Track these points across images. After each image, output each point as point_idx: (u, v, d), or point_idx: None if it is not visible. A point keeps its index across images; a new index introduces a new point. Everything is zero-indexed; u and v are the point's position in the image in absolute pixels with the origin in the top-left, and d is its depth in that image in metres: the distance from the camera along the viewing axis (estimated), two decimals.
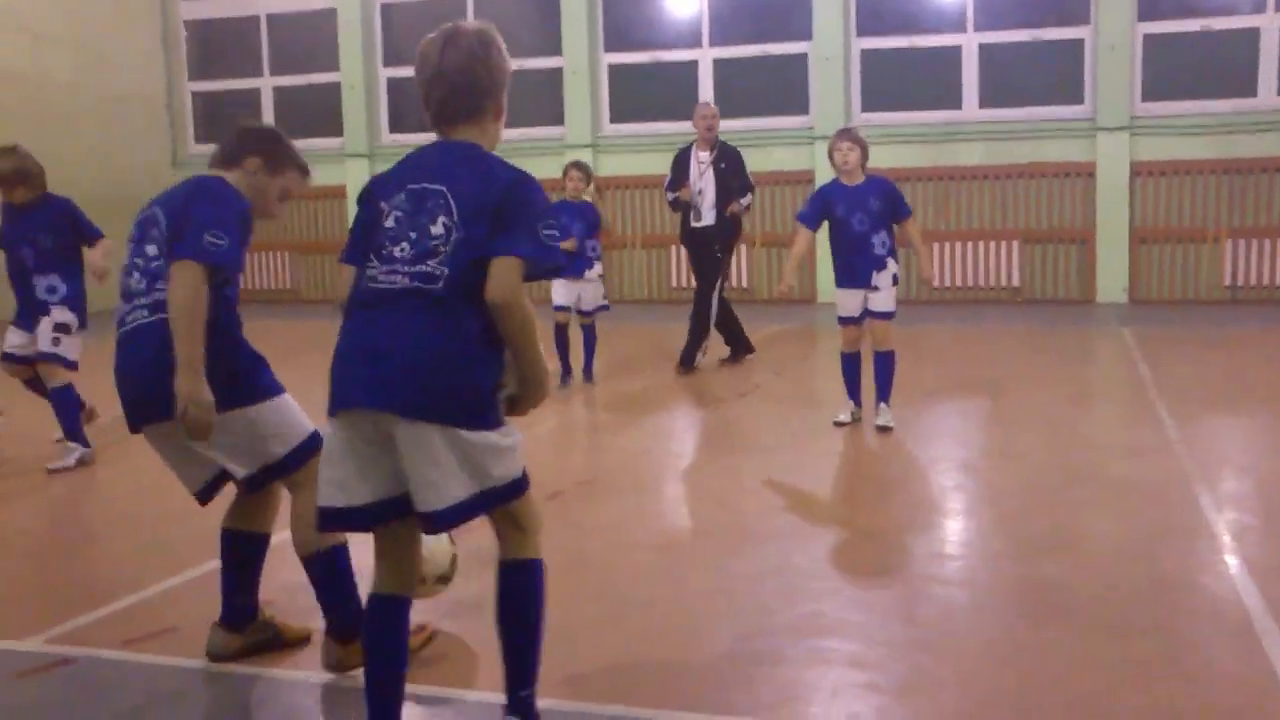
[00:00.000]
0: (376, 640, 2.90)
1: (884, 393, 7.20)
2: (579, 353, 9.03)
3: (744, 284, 15.77)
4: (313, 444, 3.47)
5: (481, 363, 2.80)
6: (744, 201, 9.60)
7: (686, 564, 4.66)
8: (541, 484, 5.58)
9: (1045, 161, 14.54)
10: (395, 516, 2.85)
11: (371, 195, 2.98)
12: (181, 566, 4.62)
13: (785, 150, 15.45)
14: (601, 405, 8.48)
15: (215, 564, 4.39)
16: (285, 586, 4.11)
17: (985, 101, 14.98)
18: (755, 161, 15.33)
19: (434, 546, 3.63)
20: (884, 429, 7.04)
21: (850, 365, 7.33)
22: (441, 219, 2.81)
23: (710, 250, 9.61)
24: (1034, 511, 5.28)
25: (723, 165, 9.56)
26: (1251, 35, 14.11)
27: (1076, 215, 14.62)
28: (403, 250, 2.81)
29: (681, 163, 9.67)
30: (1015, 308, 14.21)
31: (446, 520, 2.81)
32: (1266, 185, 13.99)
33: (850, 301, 7.17)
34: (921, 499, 5.74)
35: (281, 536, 3.75)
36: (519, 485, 2.89)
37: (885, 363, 7.20)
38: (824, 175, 14.63)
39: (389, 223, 2.87)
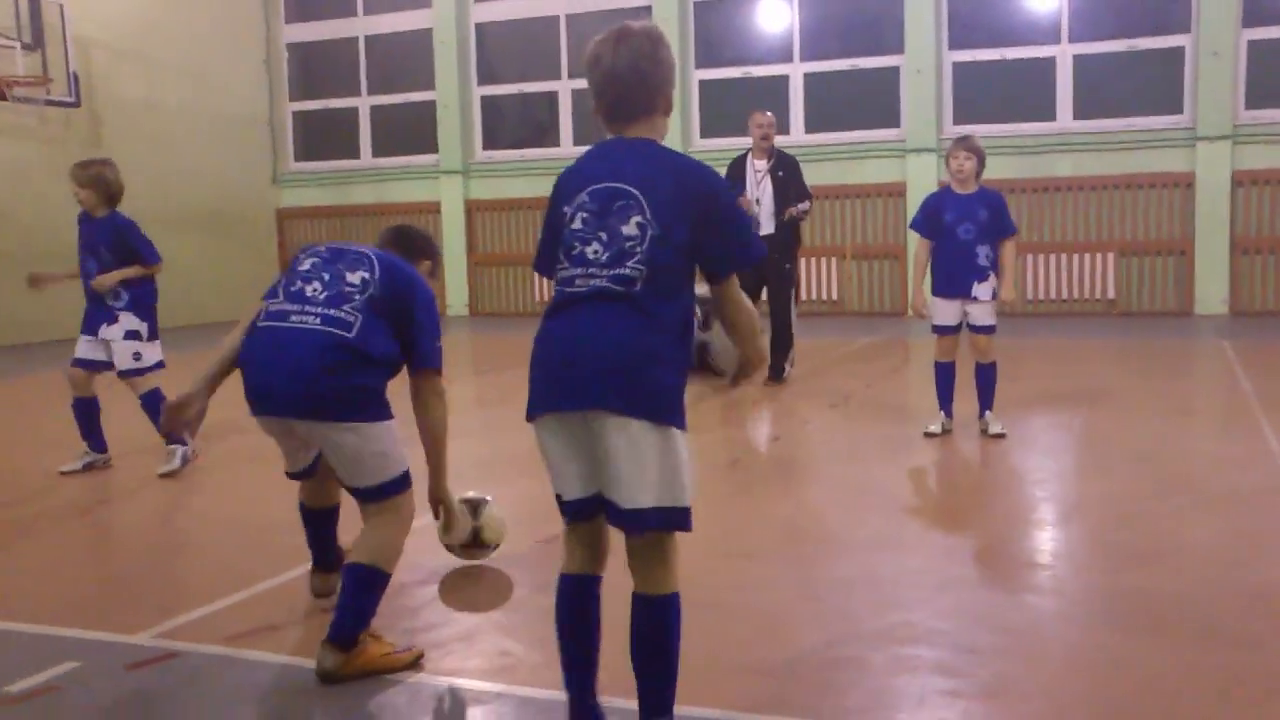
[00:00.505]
0: (569, 617, 3.02)
1: (988, 401, 7.18)
2: None
3: (832, 295, 15.75)
4: (409, 477, 3.84)
5: (677, 361, 2.93)
6: (802, 206, 9.51)
7: (775, 571, 4.68)
8: None
9: (1142, 172, 14.30)
10: (598, 512, 2.96)
11: (556, 199, 3.06)
12: (281, 569, 4.76)
13: (877, 164, 15.41)
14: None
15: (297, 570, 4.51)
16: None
17: (1080, 113, 14.79)
18: (848, 174, 15.40)
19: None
20: (997, 436, 7.04)
21: (945, 375, 7.26)
22: (635, 219, 2.87)
23: (775, 261, 9.38)
24: (1127, 522, 5.22)
25: (780, 173, 9.50)
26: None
27: (1175, 226, 14.35)
28: (595, 252, 2.89)
29: (738, 172, 9.57)
30: (1111, 319, 13.98)
31: (637, 522, 2.86)
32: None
33: (948, 310, 7.11)
34: (1013, 510, 5.70)
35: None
36: (687, 515, 2.93)
37: (988, 374, 7.18)
38: (916, 188, 14.66)
39: (576, 224, 2.94)
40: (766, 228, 9.38)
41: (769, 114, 9.73)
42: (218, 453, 7.32)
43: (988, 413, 7.18)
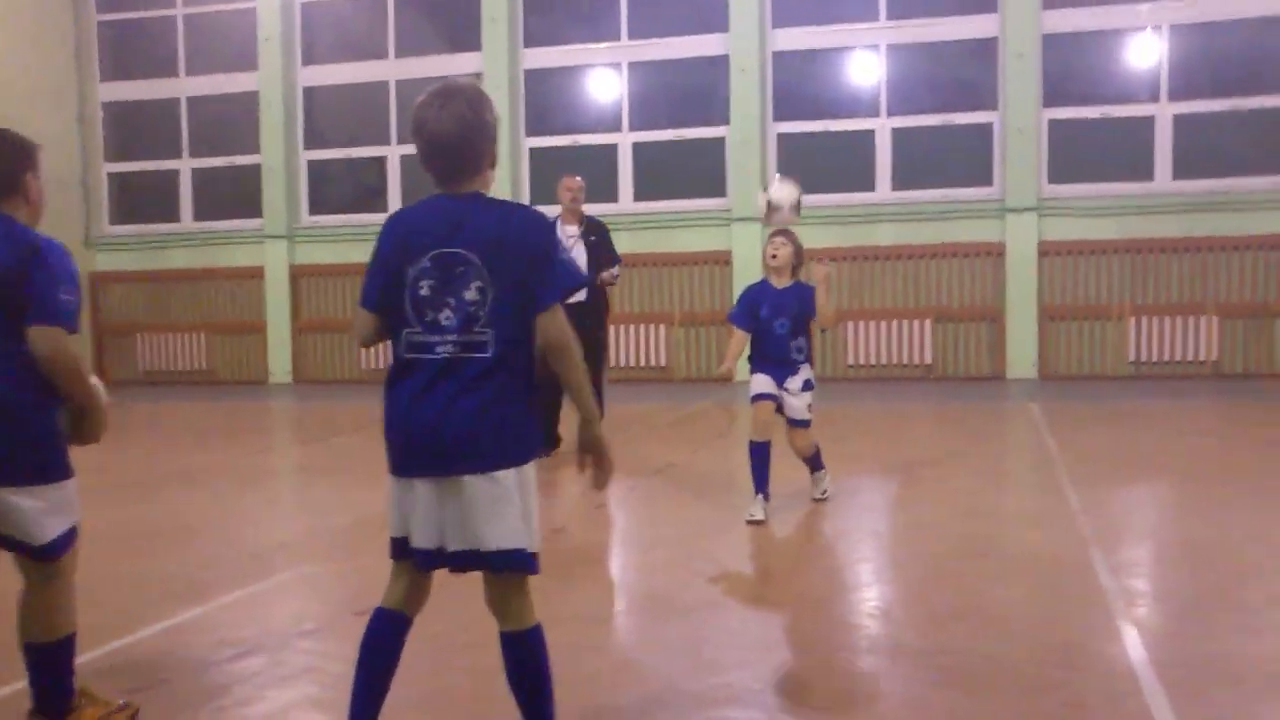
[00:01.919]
0: (373, 648, 3.15)
1: (815, 464, 7.14)
2: None
3: (661, 362, 15.92)
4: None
5: (529, 402, 3.10)
6: (614, 271, 9.48)
7: (597, 634, 4.67)
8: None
9: (957, 242, 14.92)
10: (437, 563, 3.10)
11: (395, 250, 3.10)
12: (80, 648, 4.53)
13: (702, 232, 15.72)
14: None
15: (116, 643, 4.33)
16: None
17: (898, 184, 15.40)
18: (674, 242, 15.63)
19: None
20: (820, 499, 7.13)
21: (759, 455, 6.81)
22: (475, 284, 3.00)
23: (590, 328, 8.95)
24: (939, 581, 5.38)
25: (592, 238, 9.41)
26: (1148, 123, 14.68)
27: (987, 293, 15.00)
28: (447, 319, 3.01)
29: None
30: (928, 384, 14.48)
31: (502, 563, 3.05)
32: (1166, 265, 14.48)
33: (765, 381, 6.86)
34: (832, 571, 5.82)
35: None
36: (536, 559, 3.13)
37: (811, 461, 7.12)
38: (741, 256, 15.01)
39: (424, 290, 3.03)
40: (579, 295, 9.16)
41: (579, 178, 9.59)
42: None
43: (817, 472, 7.18)
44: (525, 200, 16.46)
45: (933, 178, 15.28)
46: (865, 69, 15.65)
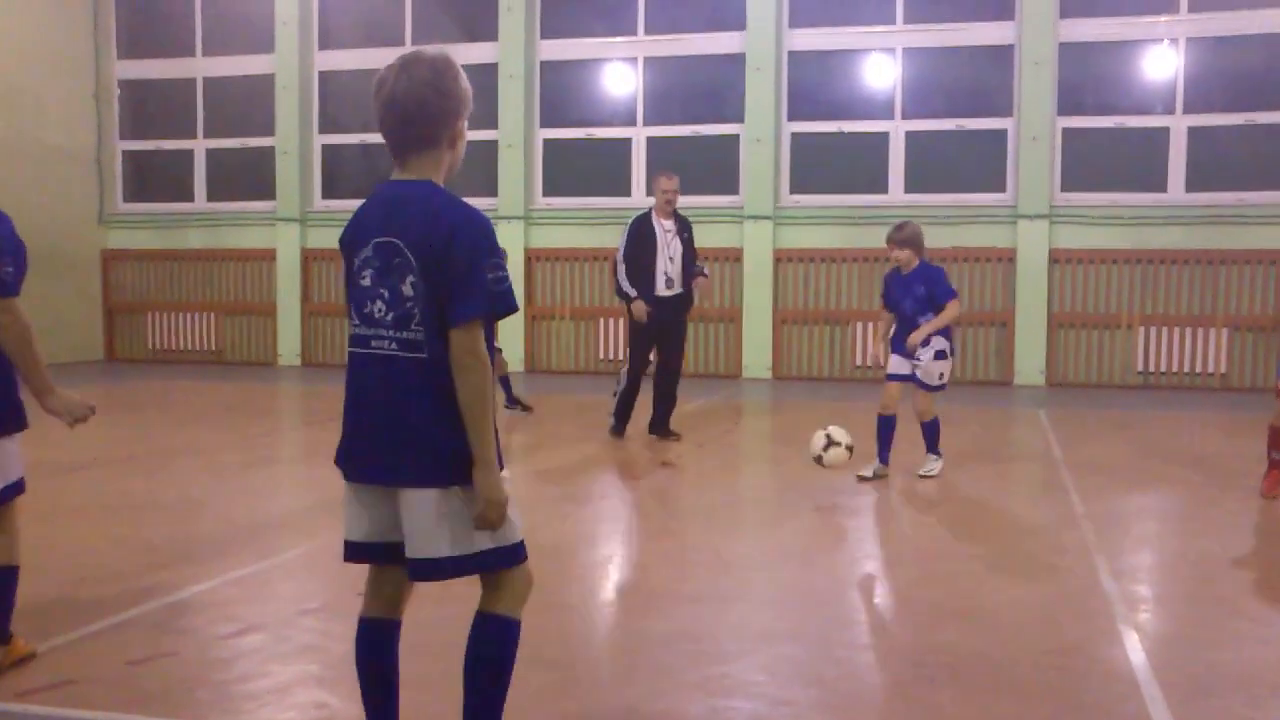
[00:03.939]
0: (365, 662, 3.06)
1: (930, 445, 8.03)
2: None
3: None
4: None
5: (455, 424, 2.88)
6: (706, 273, 9.85)
7: (598, 628, 4.68)
8: None
9: (969, 246, 14.92)
10: (393, 558, 2.97)
11: (346, 245, 2.99)
12: (82, 621, 4.56)
13: (717, 228, 15.73)
14: (529, 476, 8.51)
15: (122, 615, 4.37)
16: None
17: (910, 186, 15.39)
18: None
19: None
20: (926, 476, 7.88)
21: (881, 425, 7.91)
22: (409, 278, 2.81)
23: (681, 319, 9.76)
24: (940, 581, 5.39)
25: (685, 235, 9.70)
26: (1162, 134, 14.67)
27: (998, 299, 15.00)
28: (381, 312, 2.85)
29: (644, 232, 9.59)
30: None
31: (429, 572, 2.89)
32: (1176, 277, 14.47)
33: (897, 363, 7.91)
34: (834, 568, 5.83)
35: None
36: (496, 555, 2.92)
37: (927, 439, 8.06)
38: (752, 253, 14.98)
39: (365, 281, 2.88)
40: (677, 286, 9.61)
41: (675, 178, 9.84)
42: (38, 500, 6.97)
43: (930, 454, 8.02)
44: (538, 191, 16.48)
45: (945, 182, 15.27)
46: (881, 71, 15.64)
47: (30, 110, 16.72)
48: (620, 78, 16.47)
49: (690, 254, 9.70)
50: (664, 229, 9.61)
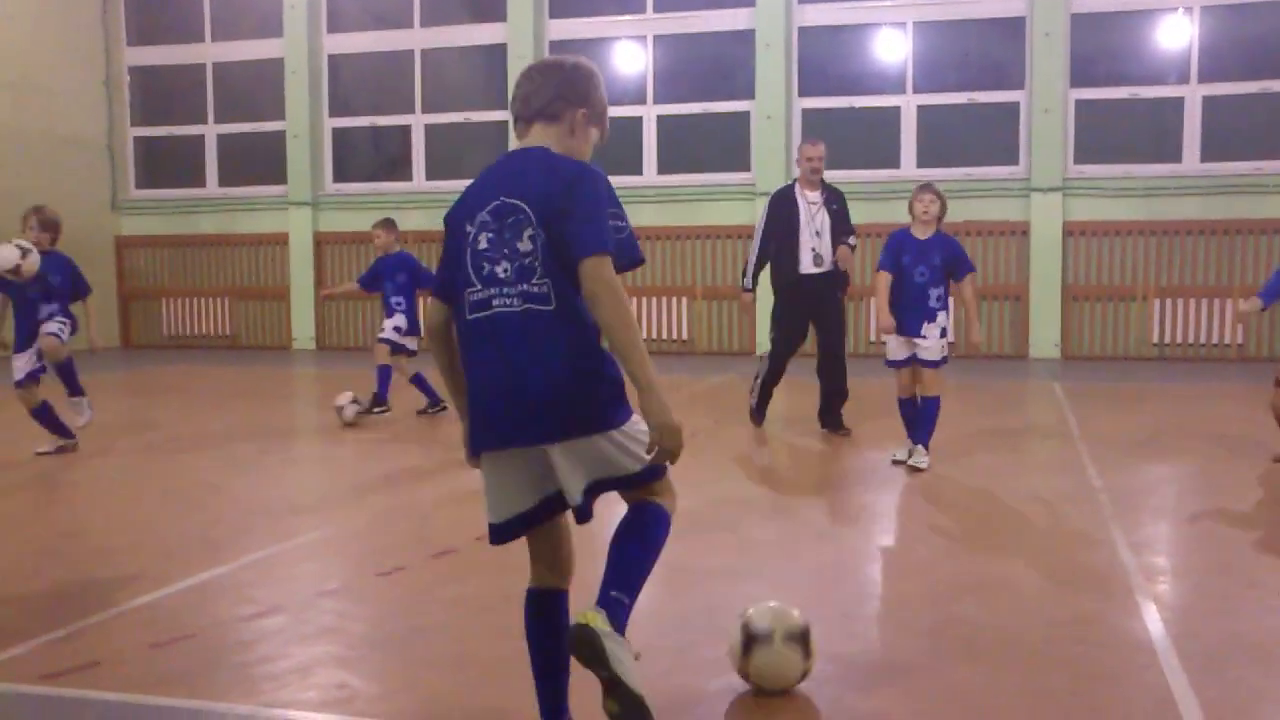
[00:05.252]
0: (532, 630, 3.14)
1: (921, 436, 7.52)
2: None
3: (684, 335, 15.93)
4: None
5: (606, 357, 2.93)
6: (852, 242, 8.88)
7: None
8: (452, 540, 5.59)
9: (980, 220, 14.86)
10: (549, 517, 3.06)
11: (454, 220, 3.04)
12: (108, 603, 4.59)
13: (727, 205, 15.68)
14: None
15: (143, 599, 4.41)
16: None
17: (922, 161, 15.33)
18: (698, 215, 15.61)
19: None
20: (915, 469, 7.37)
21: (905, 409, 7.65)
22: (527, 232, 2.88)
23: (835, 298, 8.98)
24: (956, 554, 5.39)
25: (834, 206, 8.94)
26: (1177, 104, 14.57)
27: (1012, 272, 14.95)
28: (505, 270, 2.89)
29: (786, 206, 8.93)
30: (950, 362, 14.42)
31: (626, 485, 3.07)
32: (1191, 247, 14.40)
33: (896, 348, 7.51)
34: (848, 543, 5.83)
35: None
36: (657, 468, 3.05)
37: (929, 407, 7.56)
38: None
39: (482, 244, 2.94)
40: (827, 264, 8.85)
41: (820, 145, 9.04)
42: (59, 487, 7.03)
43: (918, 446, 7.48)
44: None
45: (958, 156, 15.20)
46: (891, 46, 15.57)
47: (41, 99, 16.75)
48: (630, 56, 16.42)
49: (843, 227, 8.90)
50: (808, 201, 8.85)
